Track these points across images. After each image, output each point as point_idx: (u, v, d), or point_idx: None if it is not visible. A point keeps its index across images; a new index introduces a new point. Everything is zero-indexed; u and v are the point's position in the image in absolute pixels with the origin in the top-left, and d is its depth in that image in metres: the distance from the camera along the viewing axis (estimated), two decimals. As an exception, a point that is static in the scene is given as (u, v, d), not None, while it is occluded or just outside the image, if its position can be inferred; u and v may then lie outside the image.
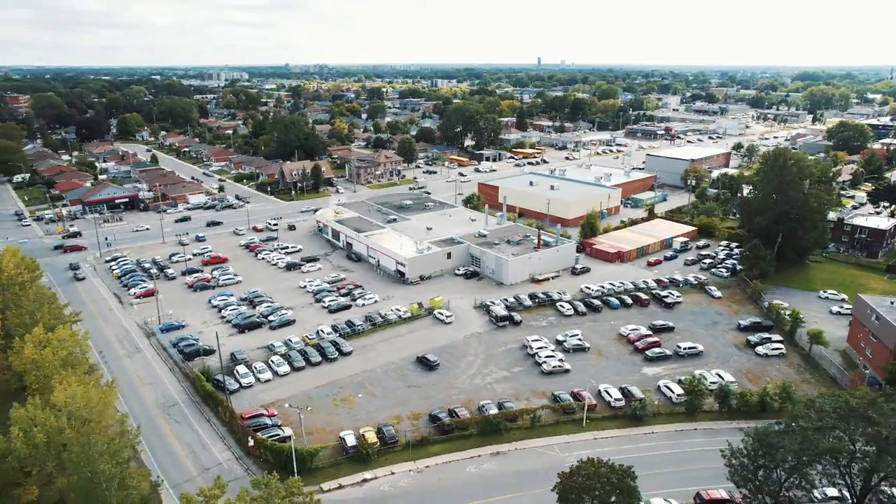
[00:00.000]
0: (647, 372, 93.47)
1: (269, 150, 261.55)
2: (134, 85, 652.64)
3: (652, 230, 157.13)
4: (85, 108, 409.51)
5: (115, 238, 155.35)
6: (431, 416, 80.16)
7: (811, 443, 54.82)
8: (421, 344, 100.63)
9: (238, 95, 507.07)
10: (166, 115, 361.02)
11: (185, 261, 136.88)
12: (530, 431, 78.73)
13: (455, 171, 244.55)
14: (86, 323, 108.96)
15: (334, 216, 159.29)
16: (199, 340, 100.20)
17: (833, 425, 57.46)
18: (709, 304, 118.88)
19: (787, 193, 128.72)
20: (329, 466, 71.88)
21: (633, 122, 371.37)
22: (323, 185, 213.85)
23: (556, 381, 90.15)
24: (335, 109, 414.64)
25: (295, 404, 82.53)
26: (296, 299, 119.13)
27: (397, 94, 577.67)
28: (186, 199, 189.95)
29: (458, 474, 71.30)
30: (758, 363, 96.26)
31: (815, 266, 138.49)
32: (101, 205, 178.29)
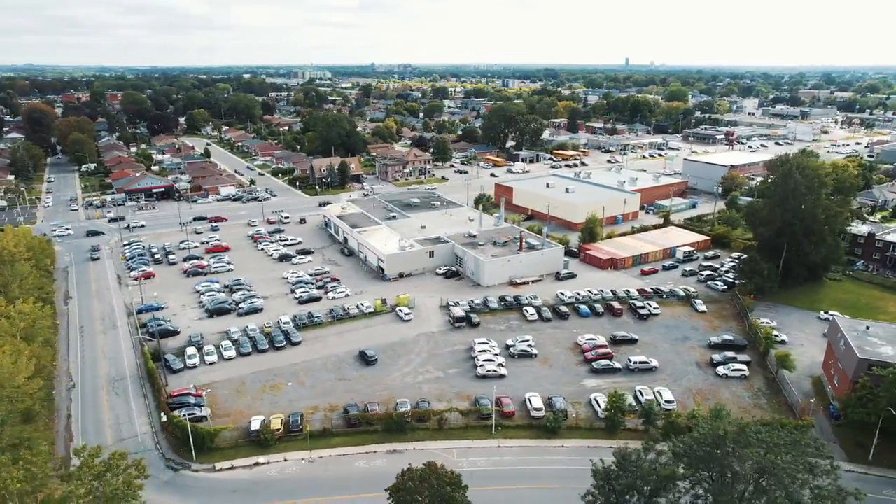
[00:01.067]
0: (588, 384, 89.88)
1: (311, 147, 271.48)
2: (220, 83, 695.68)
3: (660, 238, 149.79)
4: (167, 104, 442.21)
5: (138, 224, 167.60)
6: (345, 409, 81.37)
7: (654, 470, 51.51)
8: (370, 339, 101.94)
9: (308, 94, 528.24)
10: (232, 111, 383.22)
11: (189, 248, 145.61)
12: (437, 433, 78.14)
13: (488, 170, 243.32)
14: (82, 300, 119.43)
15: (340, 212, 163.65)
16: (169, 322, 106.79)
17: (699, 454, 53.65)
18: (689, 318, 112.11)
19: (789, 203, 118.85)
20: (230, 448, 74.92)
21: (693, 125, 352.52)
22: (349, 182, 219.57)
23: (488, 386, 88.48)
24: (393, 108, 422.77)
25: (226, 388, 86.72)
26: (275, 289, 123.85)
27: (463, 94, 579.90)
28: (217, 191, 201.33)
29: (346, 468, 72.16)
30: (713, 384, 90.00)
31: (832, 284, 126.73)
32: (139, 193, 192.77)
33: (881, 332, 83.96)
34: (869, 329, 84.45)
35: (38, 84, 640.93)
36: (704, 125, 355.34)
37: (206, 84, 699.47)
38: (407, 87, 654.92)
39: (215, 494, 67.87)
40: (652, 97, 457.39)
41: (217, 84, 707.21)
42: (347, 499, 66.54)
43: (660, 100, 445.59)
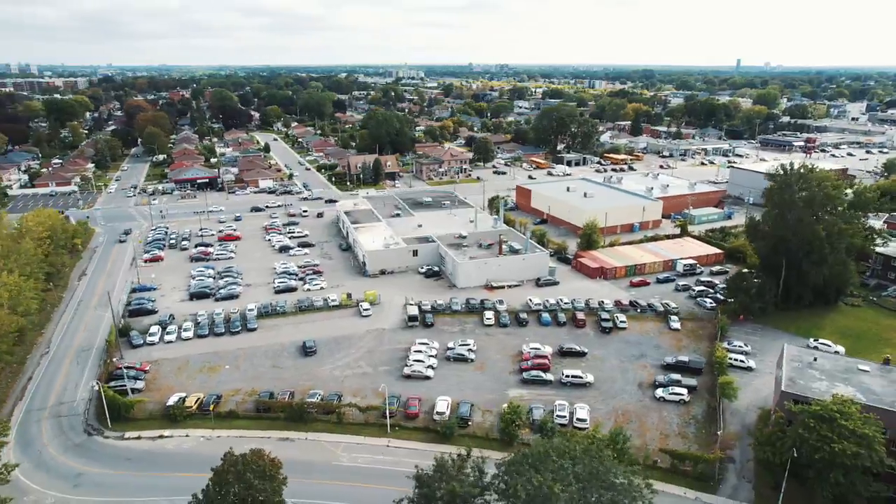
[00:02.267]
0: (511, 393, 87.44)
1: (361, 144, 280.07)
2: (314, 81, 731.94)
3: (669, 249, 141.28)
4: (253, 101, 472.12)
5: (168, 211, 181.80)
6: (260, 394, 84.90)
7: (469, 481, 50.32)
8: (322, 331, 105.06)
9: (387, 93, 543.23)
10: (305, 108, 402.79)
11: (201, 235, 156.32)
12: (335, 426, 79.66)
13: (529, 172, 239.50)
14: (92, 278, 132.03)
15: (350, 207, 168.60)
16: (151, 301, 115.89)
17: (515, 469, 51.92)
18: (658, 334, 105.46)
19: (787, 217, 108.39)
20: (145, 419, 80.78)
21: (772, 130, 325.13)
22: (383, 179, 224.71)
23: (410, 386, 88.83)
24: (461, 108, 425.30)
25: (171, 365, 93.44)
26: (262, 278, 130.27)
27: (541, 95, 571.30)
28: (257, 184, 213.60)
29: (235, 448, 75.29)
30: (646, 406, 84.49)
31: (846, 311, 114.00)
32: (185, 183, 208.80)
33: (828, 364, 75.06)
34: (815, 361, 75.73)
35: (154, 83, 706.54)
36: (783, 131, 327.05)
37: (301, 82, 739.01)
38: (488, 86, 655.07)
39: (111, 460, 73.60)
40: (731, 100, 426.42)
41: (311, 82, 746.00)
42: (220, 478, 69.74)
43: (742, 102, 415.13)
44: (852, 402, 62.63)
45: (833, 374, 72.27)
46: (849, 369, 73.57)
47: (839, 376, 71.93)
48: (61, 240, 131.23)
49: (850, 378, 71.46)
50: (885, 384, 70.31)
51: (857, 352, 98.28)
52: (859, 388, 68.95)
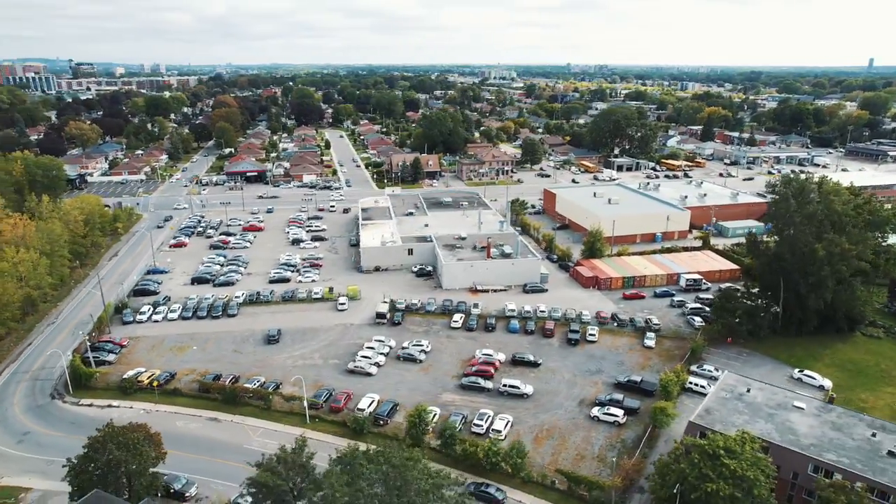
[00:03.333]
0: (444, 397, 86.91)
1: (414, 143, 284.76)
2: (402, 80, 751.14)
3: (681, 262, 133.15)
4: (335, 99, 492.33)
5: (208, 201, 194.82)
6: (206, 376, 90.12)
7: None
8: (294, 322, 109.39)
9: (465, 92, 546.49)
10: (377, 107, 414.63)
11: (228, 225, 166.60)
12: (262, 412, 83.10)
13: (577, 175, 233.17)
14: (121, 259, 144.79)
15: (370, 205, 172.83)
16: (155, 283, 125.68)
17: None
18: (628, 351, 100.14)
19: (783, 233, 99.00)
20: (102, 389, 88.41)
21: (867, 138, 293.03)
22: (422, 177, 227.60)
23: (351, 381, 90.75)
24: (531, 109, 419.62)
25: (148, 342, 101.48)
26: (265, 267, 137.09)
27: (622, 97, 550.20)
28: (301, 178, 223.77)
29: (168, 423, 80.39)
30: (576, 424, 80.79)
31: (860, 341, 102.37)
32: (236, 176, 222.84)
33: (761, 398, 68.27)
34: (748, 392, 69.13)
35: (253, 80, 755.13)
36: (880, 139, 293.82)
37: (390, 81, 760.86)
38: (572, 88, 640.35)
39: (59, 423, 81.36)
40: (829, 105, 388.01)
41: (400, 81, 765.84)
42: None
43: (845, 107, 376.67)
44: (752, 441, 57.04)
45: (759, 409, 65.81)
46: (782, 405, 66.61)
47: (765, 411, 65.39)
48: (98, 223, 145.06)
49: (777, 414, 64.76)
50: (814, 424, 63.07)
51: (850, 388, 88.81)
52: (779, 426, 62.47)
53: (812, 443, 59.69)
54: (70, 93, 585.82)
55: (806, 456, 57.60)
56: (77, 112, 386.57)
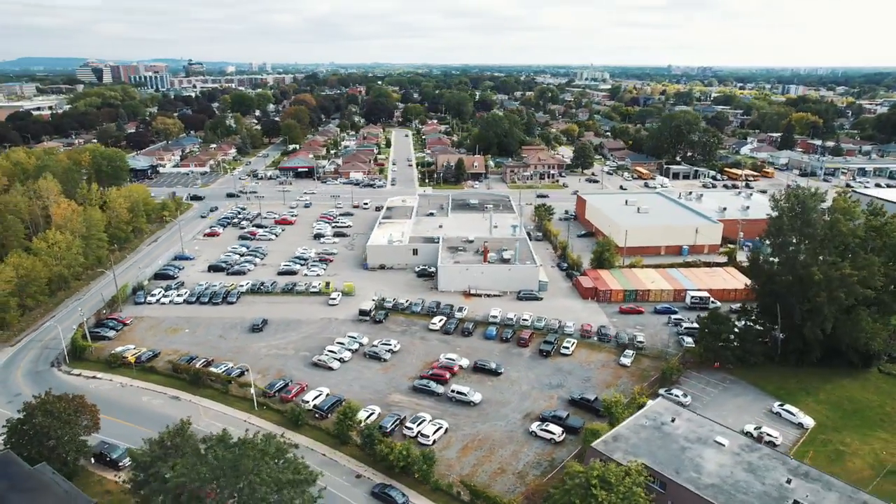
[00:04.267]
0: (394, 398, 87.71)
1: (470, 144, 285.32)
2: (487, 80, 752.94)
3: (693, 277, 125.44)
4: (411, 98, 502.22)
5: (253, 195, 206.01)
6: (187, 358, 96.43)
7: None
8: (284, 313, 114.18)
9: (543, 94, 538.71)
10: (448, 107, 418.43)
11: (263, 217, 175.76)
12: (219, 395, 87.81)
13: (629, 182, 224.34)
14: (160, 245, 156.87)
15: (397, 204, 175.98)
16: (180, 270, 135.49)
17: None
18: (600, 367, 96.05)
19: (781, 252, 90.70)
20: (94, 362, 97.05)
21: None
22: (466, 179, 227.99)
23: (313, 373, 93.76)
24: (605, 111, 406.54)
25: (148, 322, 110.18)
26: (280, 259, 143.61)
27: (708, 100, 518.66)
28: (348, 175, 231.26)
29: (135, 397, 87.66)
30: (511, 438, 78.70)
31: (875, 378, 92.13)
32: (288, 171, 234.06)
33: (682, 429, 63.47)
34: (673, 421, 64.53)
35: (343, 79, 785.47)
36: None
37: (476, 81, 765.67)
38: (659, 90, 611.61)
39: (47, 387, 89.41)
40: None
41: (485, 82, 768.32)
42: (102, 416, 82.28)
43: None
44: (639, 474, 53.69)
45: (673, 441, 61.41)
46: (702, 439, 61.68)
47: (679, 444, 60.92)
48: (142, 211, 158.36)
49: (691, 449, 60.15)
50: (727, 463, 57.98)
51: (837, 429, 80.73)
52: (686, 462, 58.07)
53: (713, 483, 54.95)
54: (176, 90, 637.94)
55: (698, 496, 53.20)
56: (174, 108, 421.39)
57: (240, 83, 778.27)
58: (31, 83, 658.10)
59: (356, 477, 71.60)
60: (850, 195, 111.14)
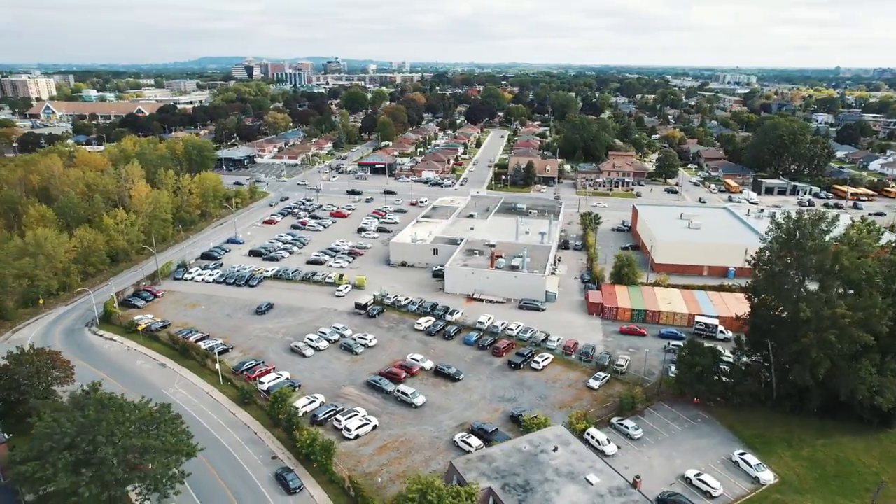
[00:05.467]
0: (346, 390, 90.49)
1: (554, 147, 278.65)
2: (613, 82, 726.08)
3: (720, 302, 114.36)
4: (521, 99, 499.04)
5: (323, 187, 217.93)
6: (186, 332, 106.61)
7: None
8: (293, 300, 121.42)
9: (665, 97, 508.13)
10: (554, 108, 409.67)
11: (320, 209, 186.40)
12: (198, 368, 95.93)
13: (713, 195, 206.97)
14: (223, 227, 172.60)
15: (444, 203, 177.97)
16: (225, 252, 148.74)
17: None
18: (565, 387, 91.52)
19: (771, 286, 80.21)
20: (117, 326, 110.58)
21: None
22: (535, 182, 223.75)
23: (287, 358, 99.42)
24: (722, 118, 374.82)
25: (176, 297, 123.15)
26: (317, 249, 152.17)
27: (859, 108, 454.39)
28: (421, 174, 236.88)
29: (131, 359, 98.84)
30: (431, 444, 77.70)
31: (888, 441, 78.85)
32: (366, 167, 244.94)
33: (561, 460, 59.25)
34: (554, 450, 60.46)
35: (467, 79, 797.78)
36: None
37: (601, 83, 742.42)
38: (800, 95, 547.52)
39: (72, 343, 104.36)
40: None
41: (611, 83, 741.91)
42: (95, 372, 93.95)
43: None
44: (469, 497, 51.88)
45: (538, 471, 58.02)
46: (570, 474, 57.50)
47: (542, 475, 57.49)
48: (212, 197, 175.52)
49: (552, 482, 56.56)
50: (581, 501, 53.59)
51: (804, 491, 71.27)
52: (534, 495, 54.66)
53: (554, 519, 51.36)
54: (309, 87, 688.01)
55: (527, 529, 50.10)
56: (298, 103, 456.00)
57: (371, 81, 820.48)
58: (193, 80, 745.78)
59: (272, 458, 75.61)
60: (871, 223, 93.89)
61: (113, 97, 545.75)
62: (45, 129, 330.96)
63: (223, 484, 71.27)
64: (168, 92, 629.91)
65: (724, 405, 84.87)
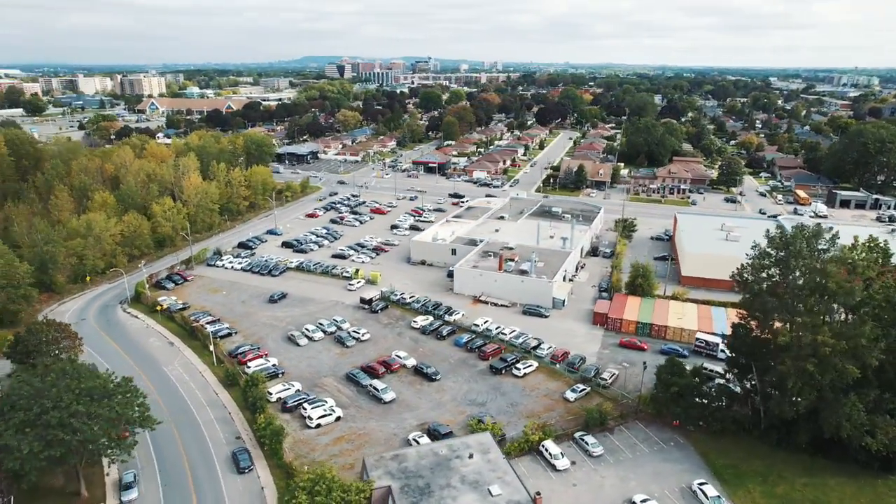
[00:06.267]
0: (324, 381, 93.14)
1: (618, 150, 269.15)
2: (706, 84, 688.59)
3: (733, 319, 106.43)
4: (601, 101, 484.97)
5: (370, 184, 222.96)
6: (199, 314, 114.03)
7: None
8: (308, 291, 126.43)
9: (758, 101, 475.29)
10: (627, 108, 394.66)
11: (359, 205, 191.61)
12: (200, 350, 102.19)
13: (778, 206, 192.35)
14: (266, 219, 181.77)
15: (485, 204, 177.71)
16: (261, 243, 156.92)
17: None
18: (541, 397, 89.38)
19: (751, 303, 74.08)
20: (144, 305, 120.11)
21: None
22: (585, 186, 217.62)
23: (282, 345, 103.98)
24: (815, 125, 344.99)
25: (203, 280, 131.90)
26: (346, 244, 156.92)
27: None
28: (472, 174, 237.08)
29: (145, 336, 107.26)
30: (387, 440, 79.04)
31: (884, 490, 70.99)
32: (420, 166, 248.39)
33: (473, 467, 58.26)
34: (471, 457, 59.46)
35: (552, 79, 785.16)
36: None
37: (694, 84, 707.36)
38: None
39: (103, 318, 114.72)
40: None
41: (705, 85, 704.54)
42: (111, 344, 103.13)
43: None
44: (359, 492, 52.62)
45: (445, 476, 57.25)
46: (478, 482, 56.54)
47: (447, 481, 56.64)
48: (261, 189, 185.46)
49: (454, 488, 55.82)
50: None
51: None
52: (431, 498, 54.37)
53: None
54: (394, 86, 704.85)
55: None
56: (376, 102, 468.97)
57: (456, 81, 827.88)
58: (287, 78, 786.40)
59: (236, 438, 79.73)
60: (877, 242, 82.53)
61: (211, 94, 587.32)
62: (144, 123, 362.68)
63: (185, 456, 76.22)
64: (261, 89, 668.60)
65: (706, 430, 79.56)
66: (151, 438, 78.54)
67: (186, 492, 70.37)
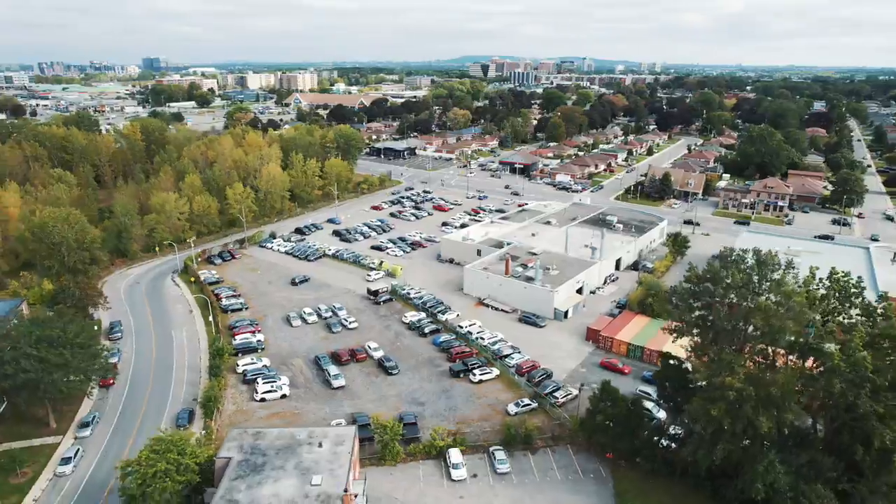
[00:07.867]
0: (294, 361, 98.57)
1: (729, 160, 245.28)
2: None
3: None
4: (743, 107, 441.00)
5: (448, 181, 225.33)
6: (225, 289, 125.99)
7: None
8: (328, 277, 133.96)
9: None
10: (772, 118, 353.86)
11: (425, 201, 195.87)
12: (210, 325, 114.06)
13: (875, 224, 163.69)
14: (334, 208, 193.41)
15: (541, 208, 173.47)
16: (314, 231, 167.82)
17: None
18: (484, 406, 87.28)
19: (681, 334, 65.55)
20: (188, 276, 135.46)
21: None
22: (670, 196, 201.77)
23: (278, 325, 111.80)
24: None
25: (248, 259, 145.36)
26: (391, 237, 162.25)
27: None
28: (555, 177, 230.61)
29: (174, 303, 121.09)
30: (316, 423, 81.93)
31: None
32: (505, 166, 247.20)
33: (314, 456, 59.33)
34: (319, 446, 60.54)
35: (703, 82, 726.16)
36: None
37: (884, 88, 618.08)
38: None
39: (152, 283, 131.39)
40: None
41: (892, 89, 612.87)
42: (145, 306, 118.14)
43: None
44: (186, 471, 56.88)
45: (287, 458, 59.15)
46: (308, 470, 57.35)
47: (283, 467, 58.47)
48: (334, 180, 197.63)
49: (286, 472, 57.40)
50: (291, 496, 54.08)
51: None
52: (256, 482, 56.71)
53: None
54: (527, 86, 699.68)
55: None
56: (502, 101, 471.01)
57: (599, 81, 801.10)
58: (429, 76, 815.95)
59: (193, 399, 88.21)
60: (848, 279, 65.28)
61: (355, 90, 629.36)
62: (277, 116, 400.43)
63: (144, 408, 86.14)
64: (403, 87, 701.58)
65: (638, 468, 72.40)
66: (129, 389, 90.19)
67: (128, 438, 79.77)
